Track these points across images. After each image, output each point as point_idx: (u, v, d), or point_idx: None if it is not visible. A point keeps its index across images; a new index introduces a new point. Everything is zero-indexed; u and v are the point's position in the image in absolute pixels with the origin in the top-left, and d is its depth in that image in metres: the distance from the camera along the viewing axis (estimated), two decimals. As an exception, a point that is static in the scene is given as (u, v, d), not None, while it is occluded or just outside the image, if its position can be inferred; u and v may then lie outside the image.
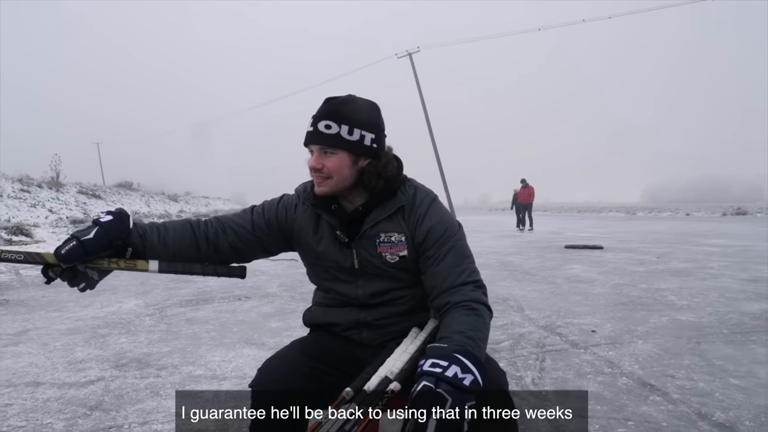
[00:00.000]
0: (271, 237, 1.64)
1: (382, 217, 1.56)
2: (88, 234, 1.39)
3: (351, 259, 1.58)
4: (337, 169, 1.51)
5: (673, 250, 10.60)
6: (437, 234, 1.53)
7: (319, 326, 1.70)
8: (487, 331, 1.39)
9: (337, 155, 1.51)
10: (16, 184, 21.74)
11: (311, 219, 1.62)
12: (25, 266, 8.79)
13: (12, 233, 13.16)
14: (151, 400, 2.90)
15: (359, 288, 1.60)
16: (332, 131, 1.49)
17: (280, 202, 1.67)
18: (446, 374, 1.17)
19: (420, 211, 1.57)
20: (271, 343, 4.00)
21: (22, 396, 2.99)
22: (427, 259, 1.53)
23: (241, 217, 1.64)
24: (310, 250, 1.63)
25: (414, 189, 1.61)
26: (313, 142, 1.51)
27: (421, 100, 29.79)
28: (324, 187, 1.53)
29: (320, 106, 1.54)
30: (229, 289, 6.55)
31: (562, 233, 17.30)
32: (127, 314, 5.12)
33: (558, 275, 7.42)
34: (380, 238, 1.56)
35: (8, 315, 5.16)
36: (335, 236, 1.59)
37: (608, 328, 4.32)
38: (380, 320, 1.60)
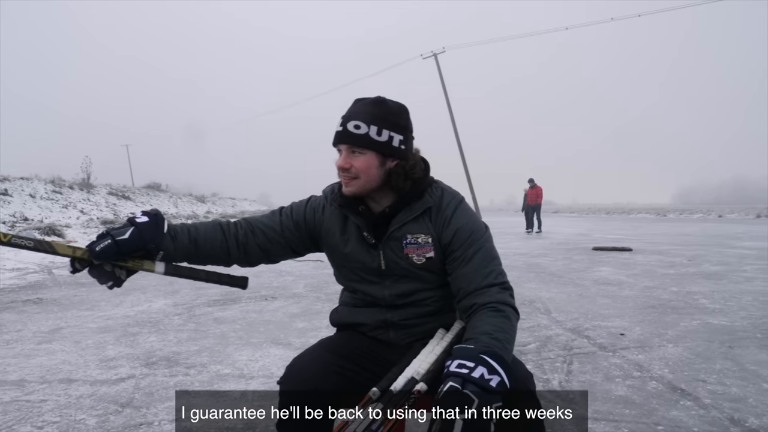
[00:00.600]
0: (300, 238, 1.66)
1: (408, 219, 1.56)
2: (123, 234, 1.41)
3: (378, 260, 1.58)
4: (364, 170, 1.52)
5: (705, 253, 10.40)
6: (464, 236, 1.53)
7: (346, 326, 1.71)
8: (514, 333, 1.38)
9: (366, 155, 1.52)
10: (48, 185, 22.24)
11: (339, 220, 1.63)
12: (58, 265, 8.97)
13: (45, 233, 13.46)
14: (180, 399, 2.94)
15: (386, 289, 1.60)
16: (361, 131, 1.50)
17: (308, 204, 1.69)
18: (473, 375, 1.17)
19: (447, 213, 1.57)
20: (297, 343, 4.02)
21: (56, 392, 3.05)
22: (453, 261, 1.53)
23: (270, 218, 1.66)
24: (337, 251, 1.64)
25: (441, 191, 1.62)
26: (342, 141, 1.52)
27: (446, 100, 29.68)
28: (351, 187, 1.54)
29: (350, 107, 1.56)
30: (256, 289, 6.59)
31: (589, 235, 17.10)
32: (156, 313, 5.19)
33: (586, 277, 7.33)
34: (407, 240, 1.56)
35: (42, 313, 5.25)
36: (362, 237, 1.59)
37: (637, 332, 4.26)
38: (407, 320, 1.60)
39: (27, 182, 21.31)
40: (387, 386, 1.31)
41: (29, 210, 18.34)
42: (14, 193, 19.19)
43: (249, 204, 49.69)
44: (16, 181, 20.74)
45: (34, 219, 17.28)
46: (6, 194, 18.59)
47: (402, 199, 1.57)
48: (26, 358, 3.72)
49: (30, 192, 20.20)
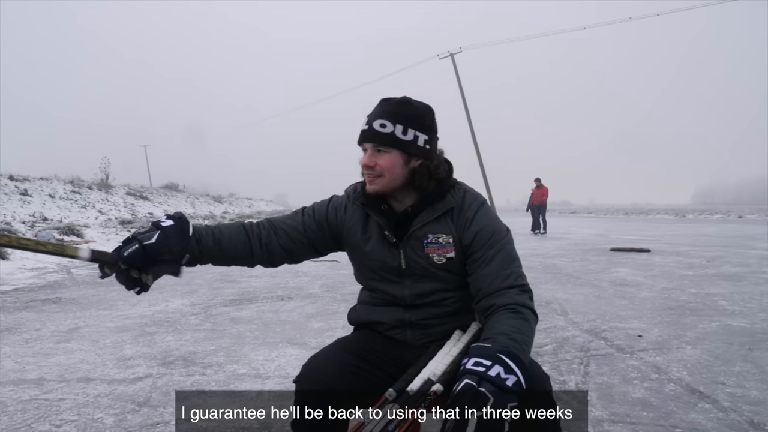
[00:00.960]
0: (322, 238, 1.67)
1: (430, 219, 1.57)
2: (149, 238, 1.42)
3: (398, 259, 1.59)
4: (389, 168, 1.53)
5: (725, 254, 10.27)
6: (485, 237, 1.54)
7: (364, 325, 1.72)
8: (532, 335, 1.38)
9: (390, 154, 1.53)
10: (67, 185, 22.51)
11: (360, 219, 1.65)
12: (76, 265, 9.07)
13: (64, 233, 13.61)
14: (196, 398, 2.96)
15: (405, 288, 1.61)
16: (387, 130, 1.52)
17: (330, 203, 1.70)
18: (489, 374, 1.17)
19: (469, 214, 1.57)
20: (313, 343, 4.03)
21: (74, 391, 3.08)
22: (474, 262, 1.54)
23: (293, 218, 1.68)
24: (358, 250, 1.66)
25: (463, 192, 1.62)
26: (367, 140, 1.54)
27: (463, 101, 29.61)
28: (375, 186, 1.55)
29: (376, 106, 1.57)
30: (272, 289, 6.63)
31: (607, 236, 16.95)
32: (173, 313, 5.23)
33: (603, 278, 7.27)
34: (428, 239, 1.57)
35: (61, 312, 5.32)
36: (383, 236, 1.60)
37: (655, 333, 4.22)
38: (424, 320, 1.61)
39: (46, 182, 21.58)
40: (403, 387, 1.31)
41: (48, 210, 18.57)
42: (34, 193, 19.45)
43: (266, 204, 49.95)
44: (36, 182, 21.01)
45: (54, 219, 17.49)
46: (26, 194, 18.84)
47: (424, 198, 1.58)
48: (45, 356, 3.77)
49: (49, 192, 20.45)
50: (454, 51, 30.04)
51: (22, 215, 16.83)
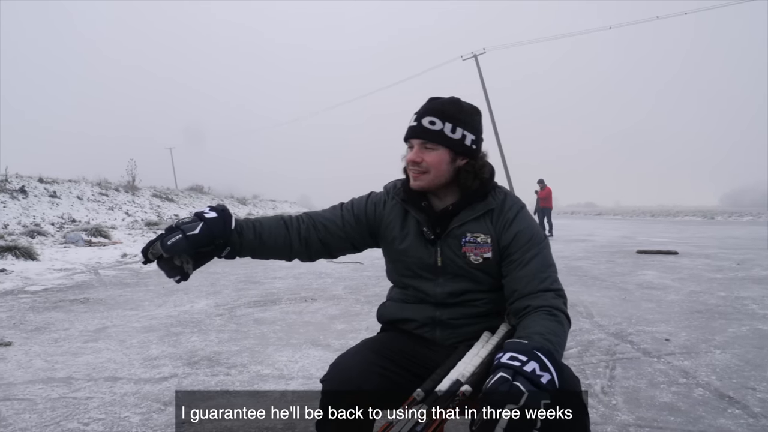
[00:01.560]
0: (360, 233, 1.68)
1: (470, 218, 1.59)
2: (193, 229, 1.42)
3: (434, 257, 1.60)
4: (435, 165, 1.55)
5: (755, 257, 10.08)
6: (524, 239, 1.55)
7: (393, 322, 1.72)
8: (565, 339, 1.38)
9: (438, 151, 1.55)
10: (95, 188, 22.87)
11: (399, 215, 1.66)
12: (104, 266, 9.21)
13: (92, 234, 13.83)
14: (221, 398, 2.98)
15: (438, 286, 1.62)
16: (436, 127, 1.54)
17: (369, 199, 1.71)
18: (525, 369, 1.16)
19: (509, 215, 1.59)
20: (336, 345, 4.04)
21: (102, 390, 3.12)
22: (510, 263, 1.54)
23: (331, 213, 1.69)
24: (394, 246, 1.66)
25: (504, 195, 1.64)
26: (415, 136, 1.56)
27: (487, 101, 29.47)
28: (420, 182, 1.57)
29: (424, 104, 1.59)
30: (296, 291, 6.66)
31: (633, 238, 16.75)
32: (198, 314, 5.28)
33: (629, 281, 7.18)
34: (466, 238, 1.58)
35: (88, 313, 5.38)
36: (421, 233, 1.62)
37: (683, 337, 4.16)
38: (455, 320, 1.61)
39: (74, 184, 21.95)
40: (431, 387, 1.31)
41: (77, 212, 18.89)
42: (62, 195, 19.79)
43: (289, 206, 50.22)
44: (65, 184, 21.38)
45: (81, 220, 17.79)
46: (55, 196, 19.19)
47: (466, 198, 1.60)
48: (73, 356, 3.82)
49: (77, 194, 20.80)
50: (477, 52, 29.89)
51: (51, 217, 17.16)
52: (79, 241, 12.65)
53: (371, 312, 5.25)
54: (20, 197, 17.48)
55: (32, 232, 13.12)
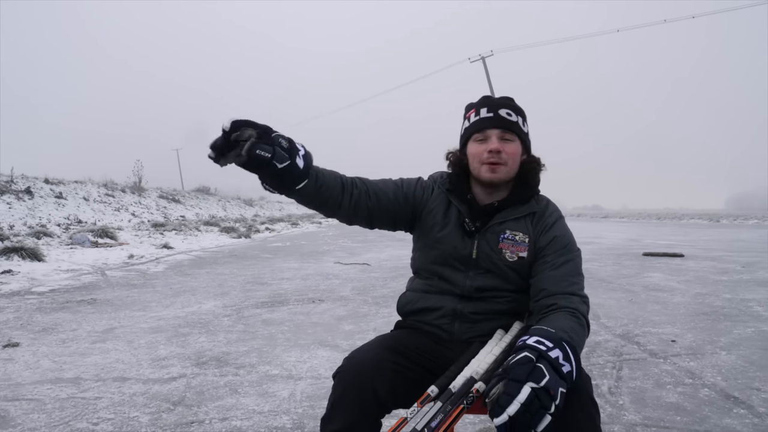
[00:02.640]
0: (405, 211, 1.68)
1: (511, 217, 1.61)
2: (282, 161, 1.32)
3: (470, 248, 1.62)
4: (513, 156, 1.59)
5: (761, 260, 10.07)
6: (560, 244, 1.58)
7: (414, 312, 1.72)
8: (584, 342, 1.39)
9: (515, 143, 1.59)
10: (101, 189, 22.95)
11: (443, 204, 1.67)
12: (111, 267, 9.24)
13: (98, 235, 13.87)
14: (230, 398, 3.00)
15: (468, 279, 1.63)
16: (513, 119, 1.58)
17: (418, 182, 1.73)
18: (549, 354, 1.16)
19: (549, 220, 1.62)
20: (344, 345, 4.07)
21: (110, 390, 3.14)
22: (543, 264, 1.57)
23: (384, 184, 1.68)
24: (433, 232, 1.67)
25: (546, 201, 1.68)
26: (497, 126, 1.58)
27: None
28: (498, 174, 1.59)
29: (487, 99, 1.64)
30: (303, 292, 6.69)
31: (640, 240, 16.72)
32: (206, 314, 5.30)
33: (636, 283, 7.20)
34: (505, 235, 1.60)
35: (96, 313, 5.40)
36: (462, 223, 1.63)
37: (689, 339, 4.17)
38: (476, 314, 1.62)
39: (81, 186, 22.04)
40: (445, 384, 1.33)
41: (83, 213, 18.96)
42: (69, 196, 19.87)
43: (296, 208, 50.23)
44: (71, 185, 21.47)
45: (88, 221, 17.85)
46: (61, 197, 19.26)
47: (513, 197, 1.63)
48: (81, 356, 3.84)
49: (84, 195, 20.89)
50: (485, 54, 29.87)
51: (57, 218, 17.22)
52: (85, 242, 12.70)
53: (379, 313, 5.28)
54: (26, 198, 17.56)
55: (38, 233, 13.16)
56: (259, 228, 22.93)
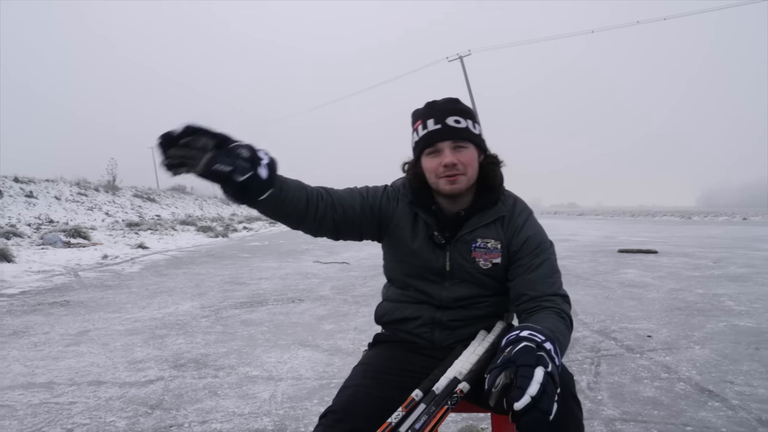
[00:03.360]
0: (371, 223, 1.62)
1: (481, 224, 1.57)
2: (242, 173, 1.22)
3: (443, 261, 1.58)
4: (470, 163, 1.52)
5: (731, 255, 10.29)
6: (533, 245, 1.55)
7: (392, 322, 1.70)
8: (568, 342, 1.38)
9: (469, 149, 1.52)
10: (74, 187, 22.54)
11: (409, 216, 1.62)
12: (84, 267, 9.10)
13: (70, 235, 13.64)
14: (209, 400, 2.97)
15: (445, 290, 1.60)
16: (462, 125, 1.51)
17: (385, 192, 1.66)
18: (545, 345, 1.15)
19: (519, 221, 1.58)
20: (325, 345, 4.06)
21: (85, 394, 3.08)
22: (519, 267, 1.54)
23: (350, 195, 1.60)
24: (403, 246, 1.63)
25: (513, 200, 1.64)
26: (447, 137, 1.51)
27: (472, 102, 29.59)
28: (459, 185, 1.52)
29: (431, 108, 1.56)
30: (283, 291, 6.66)
31: (614, 237, 16.97)
32: (183, 316, 5.25)
33: (612, 279, 7.31)
34: (476, 243, 1.56)
35: (69, 315, 5.31)
36: (431, 236, 1.59)
37: (664, 334, 4.25)
38: (455, 321, 1.60)
39: (52, 184, 21.60)
40: (429, 387, 1.31)
41: (54, 212, 18.59)
42: (39, 195, 19.46)
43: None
44: (41, 183, 21.03)
45: (59, 221, 17.53)
46: (31, 196, 18.87)
47: (478, 203, 1.58)
48: (54, 360, 3.76)
49: (55, 194, 20.48)
50: (463, 54, 29.95)
51: (27, 217, 16.86)
52: (57, 243, 12.48)
53: (359, 312, 5.28)
54: (-5, 197, 17.17)
55: (7, 233, 12.84)
56: (237, 227, 22.74)
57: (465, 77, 29.68)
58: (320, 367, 3.55)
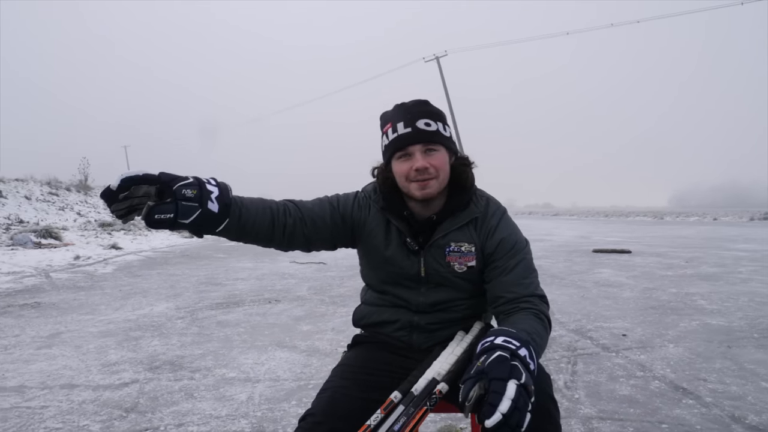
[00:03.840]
0: (343, 232, 1.61)
1: (454, 228, 1.55)
2: (187, 216, 1.22)
3: (417, 267, 1.57)
4: (442, 166, 1.50)
5: (702, 255, 10.47)
6: (507, 246, 1.53)
7: (370, 326, 1.70)
8: (545, 343, 1.38)
9: (440, 152, 1.50)
10: (44, 187, 22.11)
11: (382, 223, 1.60)
12: (55, 269, 8.95)
13: (41, 236, 13.39)
14: (186, 402, 2.94)
15: (421, 296, 1.59)
16: (432, 128, 1.48)
17: (356, 200, 1.64)
18: (519, 353, 1.14)
19: (492, 222, 1.57)
20: (302, 346, 4.04)
21: (58, 398, 3.03)
22: (494, 269, 1.53)
23: (320, 207, 1.58)
24: (377, 253, 1.61)
25: (486, 200, 1.61)
26: (417, 141, 1.48)
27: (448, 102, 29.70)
28: (431, 189, 1.50)
29: (399, 111, 1.53)
30: (259, 292, 6.61)
31: (589, 237, 17.16)
32: (158, 317, 5.18)
33: (587, 279, 7.39)
34: (450, 247, 1.55)
35: (41, 318, 5.21)
36: (404, 243, 1.57)
37: (639, 332, 4.30)
38: (432, 324, 1.60)
39: (22, 184, 21.16)
40: (408, 389, 1.31)
41: (24, 212, 18.22)
42: (9, 194, 19.04)
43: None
44: (11, 183, 20.58)
45: (30, 221, 17.19)
46: (0, 196, 18.49)
47: (450, 206, 1.56)
48: (25, 363, 3.69)
49: (25, 194, 20.06)
50: (439, 54, 30.04)
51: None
52: (27, 243, 12.23)
53: (336, 312, 5.26)
54: (-38, 197, 16.78)
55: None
56: (212, 227, 22.51)
57: (441, 78, 29.80)
58: (298, 368, 3.53)
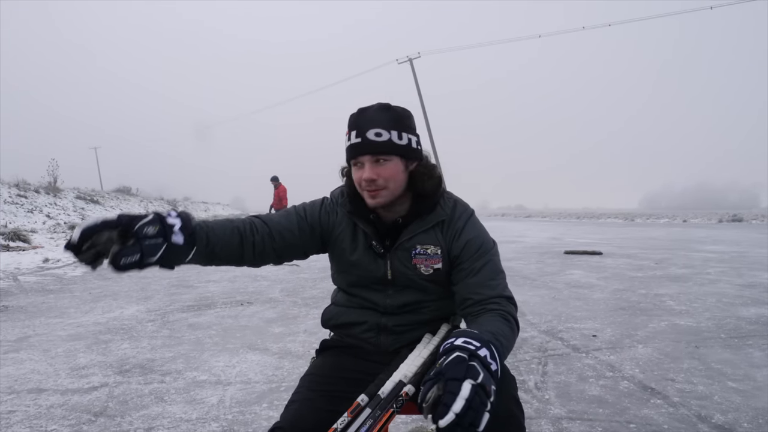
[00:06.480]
0: (312, 241, 1.61)
1: (420, 230, 1.56)
2: (153, 254, 1.22)
3: (384, 270, 1.57)
4: (393, 177, 1.49)
5: (671, 256, 10.65)
6: (473, 248, 1.53)
7: (338, 326, 1.70)
8: (512, 345, 1.37)
9: (392, 162, 1.48)
10: (12, 189, 21.67)
11: (349, 226, 1.60)
12: (23, 272, 8.78)
13: (9, 239, 13.13)
14: (156, 406, 2.91)
15: (388, 298, 1.60)
16: (383, 138, 1.46)
17: (323, 207, 1.64)
18: (479, 353, 1.14)
19: (458, 225, 1.57)
20: (274, 348, 4.02)
21: (25, 403, 2.99)
22: (461, 271, 1.53)
23: (287, 219, 1.59)
24: (343, 258, 1.62)
25: (453, 203, 1.61)
26: (366, 152, 1.47)
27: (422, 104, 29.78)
28: (380, 199, 1.50)
29: (356, 117, 1.52)
30: (231, 294, 6.57)
31: (561, 239, 17.35)
32: (128, 320, 5.12)
33: (558, 280, 7.46)
34: (416, 250, 1.55)
35: (8, 321, 5.14)
36: (370, 246, 1.57)
37: (609, 333, 4.36)
38: (400, 326, 1.60)
39: (-11, 186, 20.76)
40: (375, 392, 1.31)
41: (-8, 215, 17.88)
42: (-24, 197, 18.69)
43: (222, 208, 49.13)
44: (-23, 185, 20.19)
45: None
46: (-33, 199, 18.10)
47: (416, 209, 1.56)
48: (-8, 367, 3.63)
49: (-7, 196, 19.69)
50: (412, 56, 30.15)
51: (-38, 220, 16.17)
52: (-6, 246, 12.01)
53: (309, 314, 5.24)
54: (-73, 199, 16.39)
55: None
56: (184, 229, 22.28)
57: (415, 79, 29.90)
58: (269, 370, 3.51)
